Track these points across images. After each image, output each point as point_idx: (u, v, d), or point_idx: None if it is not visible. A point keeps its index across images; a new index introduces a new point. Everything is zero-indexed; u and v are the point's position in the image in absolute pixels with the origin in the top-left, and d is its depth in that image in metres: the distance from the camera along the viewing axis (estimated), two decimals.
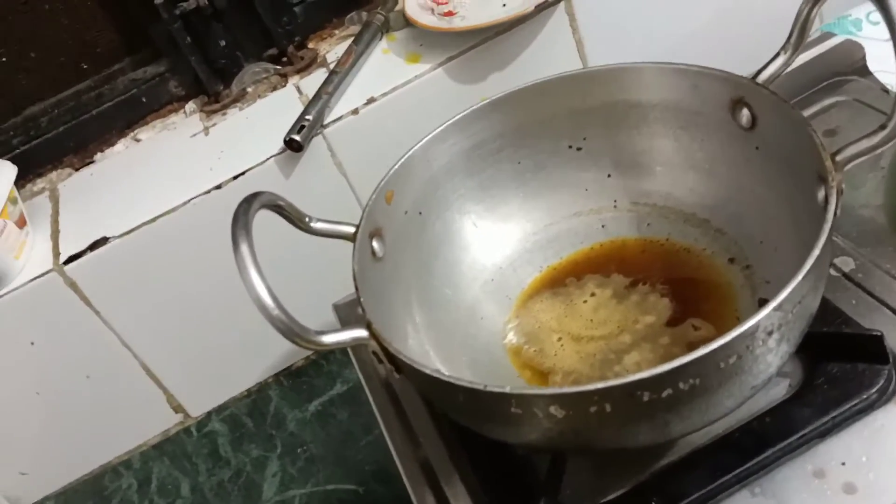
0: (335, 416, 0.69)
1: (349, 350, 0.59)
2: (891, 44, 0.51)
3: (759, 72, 0.44)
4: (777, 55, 0.44)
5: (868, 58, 0.50)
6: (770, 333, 0.34)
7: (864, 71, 0.57)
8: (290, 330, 0.37)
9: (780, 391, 0.43)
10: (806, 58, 0.59)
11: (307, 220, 0.45)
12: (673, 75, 0.47)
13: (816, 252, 0.34)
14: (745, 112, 0.45)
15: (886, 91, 0.51)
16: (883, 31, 0.52)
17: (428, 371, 0.37)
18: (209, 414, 0.72)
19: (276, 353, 0.71)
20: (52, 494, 0.70)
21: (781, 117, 0.42)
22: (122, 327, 0.65)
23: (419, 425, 0.51)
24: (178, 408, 0.71)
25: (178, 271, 0.65)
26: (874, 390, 0.41)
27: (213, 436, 0.71)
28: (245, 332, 0.69)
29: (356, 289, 0.43)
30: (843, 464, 0.39)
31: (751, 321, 0.33)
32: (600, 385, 0.33)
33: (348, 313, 0.60)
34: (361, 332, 0.40)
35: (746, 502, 0.40)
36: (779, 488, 0.40)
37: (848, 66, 0.60)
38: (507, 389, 0.35)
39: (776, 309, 0.33)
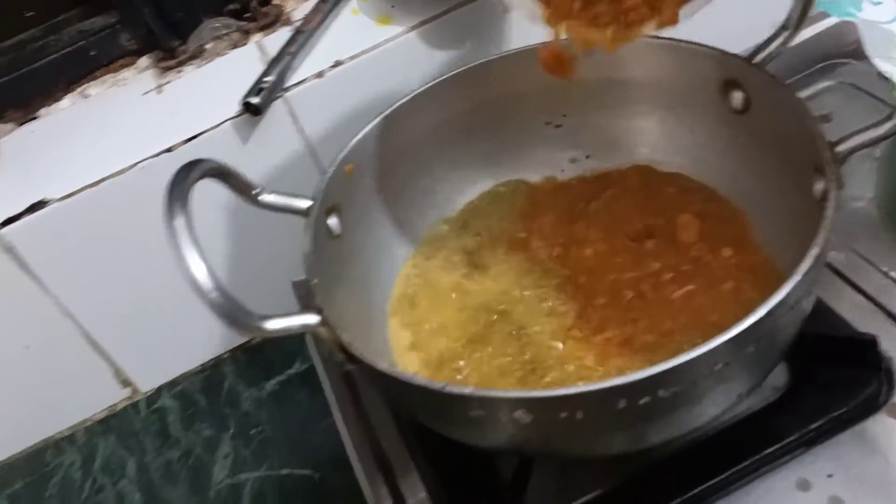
0: (293, 396, 0.66)
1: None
2: (894, 24, 0.48)
3: (756, 51, 0.40)
4: (776, 34, 0.40)
5: (865, 42, 0.47)
6: (759, 339, 0.31)
7: (859, 54, 0.53)
8: (230, 314, 0.34)
9: (763, 396, 0.40)
10: (798, 39, 0.56)
11: (255, 191, 0.41)
12: (661, 51, 0.43)
13: (814, 252, 0.31)
14: (738, 94, 0.42)
15: (885, 77, 0.48)
16: (883, 12, 0.49)
17: (381, 368, 0.34)
18: (159, 389, 0.68)
19: None
20: None
21: (778, 101, 0.39)
22: (64, 295, 0.61)
23: (376, 415, 0.48)
24: (125, 382, 0.67)
25: (126, 237, 0.60)
26: (864, 398, 0.38)
27: (162, 412, 0.67)
28: (199, 303, 0.65)
29: (306, 270, 0.39)
30: (830, 476, 0.37)
31: (741, 326, 0.30)
32: (571, 390, 0.30)
33: (309, 292, 0.56)
34: (312, 319, 0.36)
35: None
36: (760, 501, 0.37)
37: (842, 48, 0.57)
38: (468, 391, 0.31)
39: (768, 315, 0.30)
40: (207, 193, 0.40)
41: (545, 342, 0.41)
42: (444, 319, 0.45)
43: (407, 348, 0.44)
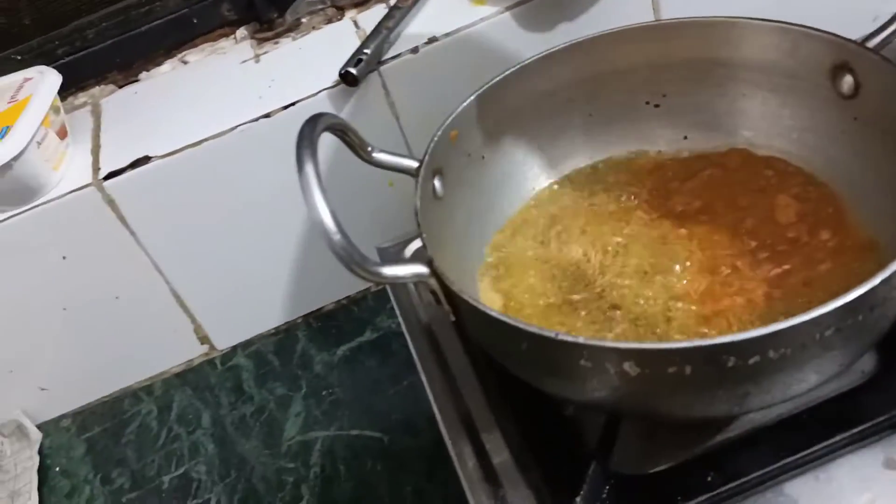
0: (363, 363, 0.67)
1: (389, 292, 0.57)
2: None
3: (871, 36, 0.41)
4: (890, 21, 0.41)
5: None
6: (872, 309, 0.32)
7: None
8: (351, 257, 0.35)
9: (852, 378, 0.41)
10: None
11: (370, 149, 0.43)
12: (771, 33, 0.44)
13: None
14: (848, 78, 0.42)
15: None
16: None
17: (493, 314, 0.35)
18: (235, 348, 0.71)
19: (308, 293, 0.69)
20: (70, 413, 0.69)
21: (892, 85, 0.39)
22: (156, 251, 0.64)
23: (460, 375, 0.49)
24: (204, 339, 0.70)
25: (219, 198, 0.63)
26: None
27: (237, 370, 0.69)
28: (279, 268, 0.67)
29: (418, 224, 0.41)
30: None
31: (855, 293, 0.31)
32: (684, 344, 0.31)
33: (394, 258, 0.58)
34: (422, 269, 0.38)
35: (808, 487, 0.38)
36: (846, 476, 0.38)
37: None
38: (581, 340, 0.33)
39: (884, 283, 0.31)
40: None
41: (641, 310, 0.42)
42: (533, 284, 0.46)
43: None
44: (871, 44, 0.40)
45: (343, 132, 0.41)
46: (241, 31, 0.71)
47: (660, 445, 0.41)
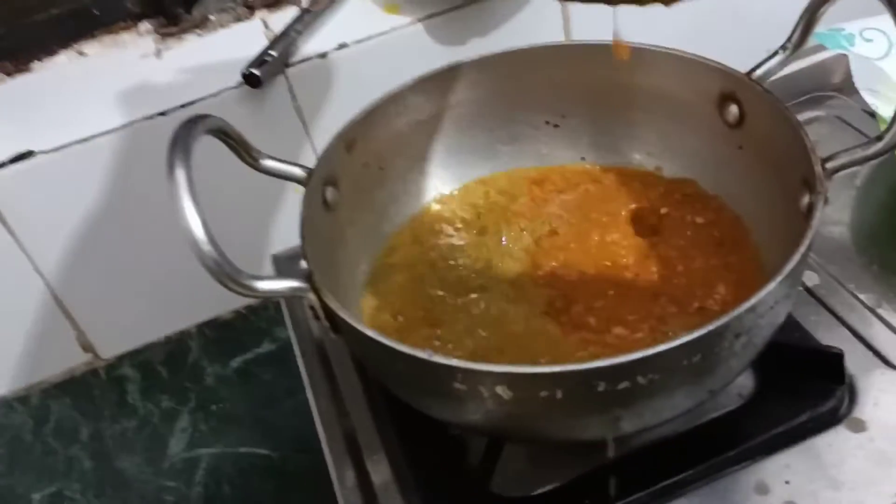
0: (258, 375, 0.65)
1: (283, 305, 0.55)
2: (884, 61, 0.50)
3: (755, 68, 0.42)
4: (775, 53, 0.42)
5: (855, 75, 0.49)
6: (738, 336, 0.32)
7: (849, 89, 0.56)
8: (222, 270, 0.33)
9: (729, 400, 0.41)
10: (792, 68, 0.58)
11: (256, 155, 0.41)
12: (667, 60, 0.45)
13: (797, 257, 0.32)
14: (734, 108, 0.43)
15: (871, 114, 0.50)
16: (874, 49, 0.51)
17: (368, 333, 0.34)
18: (121, 357, 0.67)
19: (203, 301, 0.66)
20: None
21: (772, 117, 0.40)
22: (36, 252, 0.60)
23: (349, 393, 0.48)
24: (87, 346, 0.66)
25: (108, 199, 0.60)
26: (826, 409, 0.39)
27: (122, 381, 0.66)
28: (171, 274, 0.64)
29: (301, 237, 0.39)
30: (788, 482, 0.38)
31: (720, 321, 0.31)
32: (555, 369, 0.31)
33: (288, 267, 0.56)
34: (300, 283, 0.36)
35: None
36: (719, 499, 0.38)
37: (834, 81, 0.59)
38: (454, 362, 0.32)
39: (749, 311, 0.31)
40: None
41: (515, 324, 0.42)
42: (422, 294, 0.45)
43: (380, 323, 0.44)
44: (756, 75, 0.41)
45: (226, 136, 0.39)
46: (145, 25, 0.68)
47: (543, 467, 0.41)
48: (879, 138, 0.34)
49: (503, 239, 0.47)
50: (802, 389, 0.41)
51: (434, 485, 0.41)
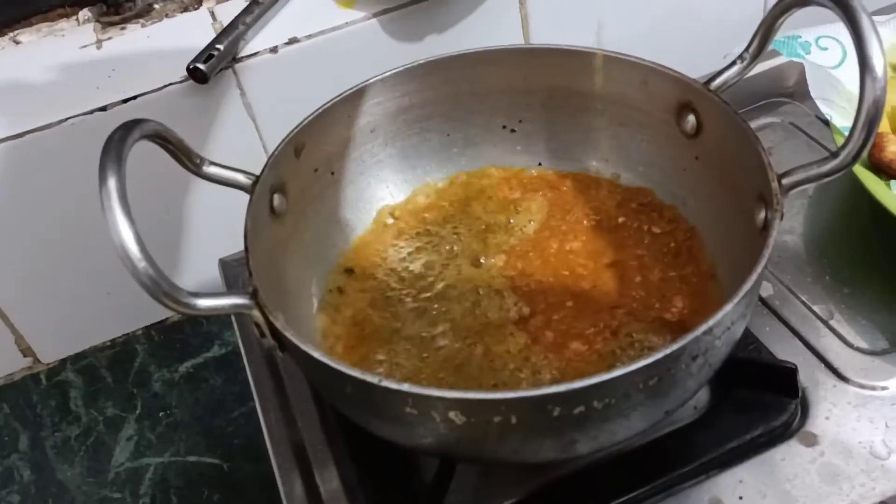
0: (208, 381, 0.63)
1: None
2: (838, 70, 0.50)
3: (713, 78, 0.41)
4: (733, 63, 0.41)
5: (810, 83, 0.49)
6: (695, 358, 0.32)
7: (802, 95, 0.56)
8: (158, 288, 0.31)
9: (684, 413, 0.41)
10: (747, 73, 0.58)
11: (198, 161, 0.39)
12: (624, 67, 0.44)
13: (753, 278, 0.32)
14: (691, 118, 0.43)
15: (825, 122, 0.50)
16: (829, 58, 0.51)
17: (316, 356, 0.32)
18: (63, 362, 0.64)
19: (150, 302, 0.63)
20: None
21: (729, 129, 0.40)
22: None
23: (298, 405, 0.46)
24: (27, 351, 0.63)
25: (45, 197, 0.57)
26: (779, 424, 0.40)
27: (64, 387, 0.63)
28: (116, 275, 0.61)
29: (246, 248, 0.37)
30: (741, 498, 0.38)
31: (678, 344, 0.30)
32: (509, 394, 0.30)
33: (236, 272, 0.54)
34: (244, 300, 0.35)
35: None
36: None
37: (787, 88, 0.59)
38: (405, 387, 0.31)
39: (705, 333, 0.31)
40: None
41: (471, 338, 0.41)
42: (368, 309, 0.44)
43: (332, 338, 0.43)
44: (714, 85, 0.41)
45: (165, 141, 0.37)
46: (85, 13, 0.65)
47: (494, 485, 0.40)
48: (835, 155, 0.34)
49: (459, 248, 0.46)
50: (756, 403, 0.41)
51: (386, 502, 0.40)
